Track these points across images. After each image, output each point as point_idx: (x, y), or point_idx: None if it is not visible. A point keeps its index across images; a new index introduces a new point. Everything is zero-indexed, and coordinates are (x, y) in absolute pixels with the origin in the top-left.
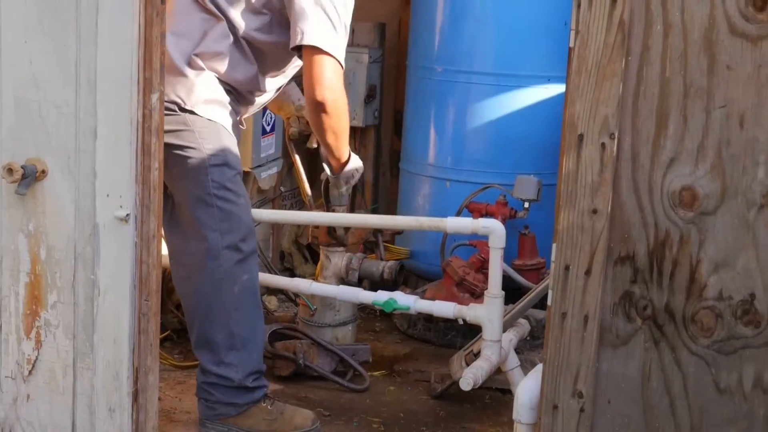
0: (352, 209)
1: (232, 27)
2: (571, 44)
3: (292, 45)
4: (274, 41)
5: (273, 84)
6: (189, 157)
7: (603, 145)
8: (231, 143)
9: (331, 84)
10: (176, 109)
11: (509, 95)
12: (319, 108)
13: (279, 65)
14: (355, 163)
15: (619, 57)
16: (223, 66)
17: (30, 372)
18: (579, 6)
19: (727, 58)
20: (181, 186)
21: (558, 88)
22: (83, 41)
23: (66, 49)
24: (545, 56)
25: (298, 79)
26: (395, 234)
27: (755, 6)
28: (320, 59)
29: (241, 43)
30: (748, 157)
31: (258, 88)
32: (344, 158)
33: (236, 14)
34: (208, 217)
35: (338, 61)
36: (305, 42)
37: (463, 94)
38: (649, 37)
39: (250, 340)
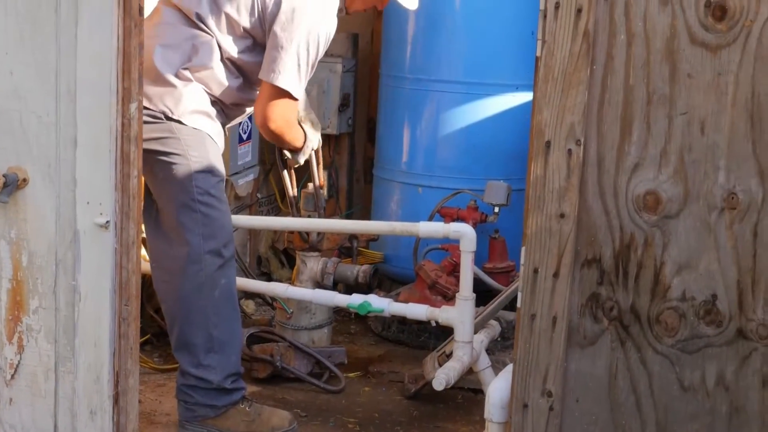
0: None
1: (218, 46)
2: (538, 53)
3: (261, 76)
4: (258, 61)
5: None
6: (174, 164)
7: (569, 151)
8: (215, 151)
9: (285, 119)
10: (162, 117)
11: (479, 103)
12: (269, 133)
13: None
14: (309, 138)
15: (584, 66)
16: (210, 79)
17: (12, 376)
18: (545, 17)
19: (688, 67)
20: (166, 191)
21: (526, 96)
22: (63, 52)
23: (46, 60)
24: (513, 65)
25: None
26: (370, 239)
27: (714, 16)
28: (283, 101)
29: (226, 61)
30: (709, 162)
31: (244, 102)
32: (298, 147)
33: (222, 36)
34: (191, 221)
35: (296, 99)
36: (276, 83)
37: (434, 102)
38: (613, 47)
39: (228, 342)
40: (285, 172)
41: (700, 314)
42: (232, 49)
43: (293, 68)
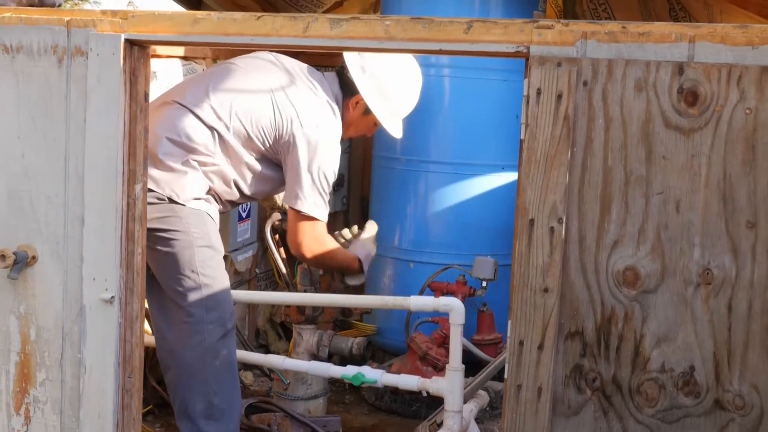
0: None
1: (229, 154)
2: (522, 136)
3: (286, 203)
4: (258, 170)
5: (256, 196)
6: (177, 239)
7: (552, 229)
8: (214, 229)
9: (313, 244)
10: (166, 200)
11: (467, 183)
12: (304, 260)
13: (261, 192)
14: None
15: (565, 148)
16: (214, 174)
17: None
18: (528, 102)
19: (662, 149)
20: (169, 265)
21: (511, 176)
22: (72, 136)
23: (56, 143)
24: (499, 146)
25: None
26: (363, 312)
27: (687, 102)
28: (308, 225)
29: (229, 163)
30: (684, 240)
31: (235, 200)
32: (355, 267)
33: (228, 143)
34: (194, 293)
35: (321, 221)
36: (301, 209)
37: (424, 181)
38: (592, 130)
39: (227, 411)
40: (275, 250)
41: (679, 385)
42: (236, 156)
43: (315, 193)
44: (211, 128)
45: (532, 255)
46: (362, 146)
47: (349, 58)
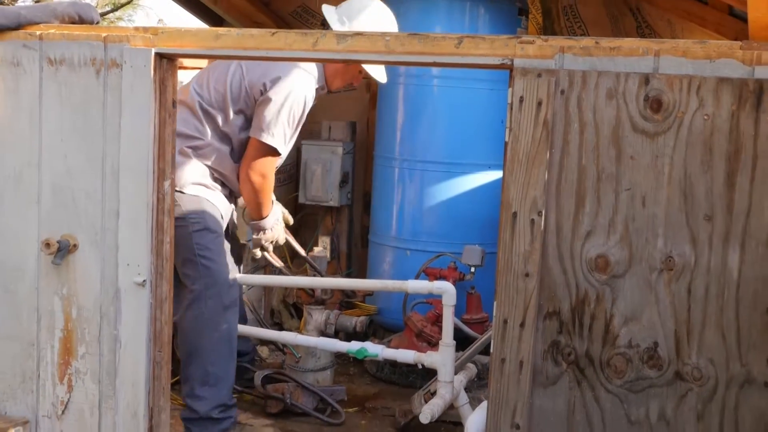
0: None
1: (217, 127)
2: (506, 139)
3: (252, 134)
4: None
5: None
6: (177, 226)
7: (532, 220)
8: (212, 211)
9: (267, 172)
10: None
11: (457, 180)
12: (249, 186)
13: None
14: (268, 225)
15: (544, 149)
16: (211, 153)
17: (63, 412)
18: (512, 108)
19: (631, 150)
20: (174, 250)
21: (497, 174)
22: (108, 139)
23: (95, 145)
24: (486, 148)
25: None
26: (366, 294)
27: (652, 108)
28: (267, 157)
29: (223, 137)
30: (649, 231)
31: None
32: (260, 216)
33: (220, 119)
34: (195, 273)
35: (279, 155)
36: (265, 141)
37: (420, 179)
38: (569, 134)
39: (222, 378)
40: (288, 238)
41: (644, 359)
42: (228, 128)
43: (280, 129)
44: (196, 107)
45: (515, 244)
46: (365, 147)
47: (327, 12)
